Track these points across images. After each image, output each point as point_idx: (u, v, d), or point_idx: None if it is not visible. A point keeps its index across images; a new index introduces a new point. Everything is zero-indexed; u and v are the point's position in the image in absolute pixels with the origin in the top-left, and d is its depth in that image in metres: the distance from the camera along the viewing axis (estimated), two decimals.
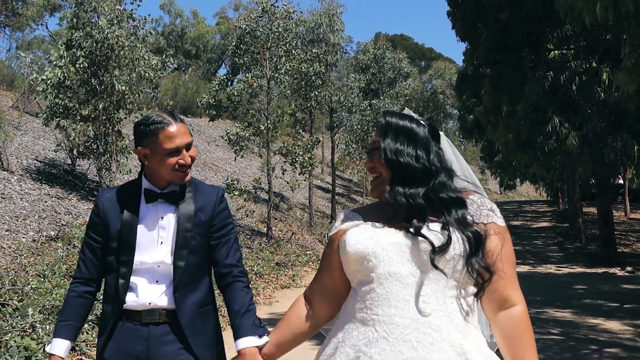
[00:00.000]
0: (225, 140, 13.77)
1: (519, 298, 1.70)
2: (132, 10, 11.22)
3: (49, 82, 10.33)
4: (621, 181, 26.13)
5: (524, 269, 13.09)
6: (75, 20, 10.74)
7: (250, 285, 2.16)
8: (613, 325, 7.31)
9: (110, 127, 10.78)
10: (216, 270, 2.15)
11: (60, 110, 10.60)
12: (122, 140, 11.13)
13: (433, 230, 1.64)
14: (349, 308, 1.76)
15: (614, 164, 11.67)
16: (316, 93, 15.36)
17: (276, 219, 15.45)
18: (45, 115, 10.94)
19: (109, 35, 10.29)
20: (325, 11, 18.37)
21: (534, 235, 21.30)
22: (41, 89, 10.47)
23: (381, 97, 22.21)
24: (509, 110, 12.80)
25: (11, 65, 20.87)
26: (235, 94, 13.84)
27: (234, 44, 14.74)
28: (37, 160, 11.93)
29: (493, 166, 29.16)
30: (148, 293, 2.04)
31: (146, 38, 11.29)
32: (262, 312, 7.15)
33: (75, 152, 10.81)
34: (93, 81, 10.53)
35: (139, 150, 2.08)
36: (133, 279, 2.05)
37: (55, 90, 10.47)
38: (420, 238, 1.63)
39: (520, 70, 12.17)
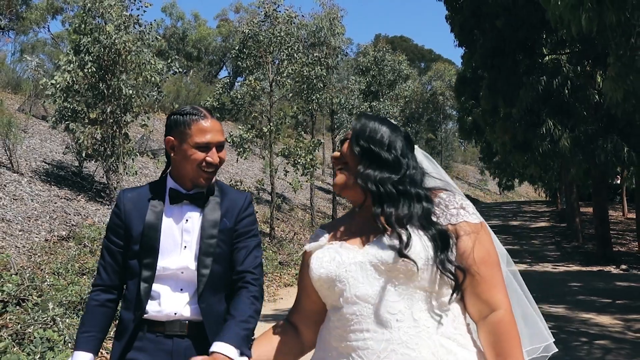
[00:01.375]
0: (229, 142, 14.03)
1: (500, 301, 1.55)
2: (138, 15, 11.54)
3: (57, 86, 10.62)
4: (619, 181, 26.33)
5: (521, 267, 13.30)
6: (83, 25, 11.01)
7: (261, 295, 1.94)
8: (604, 319, 7.58)
9: (117, 130, 11.06)
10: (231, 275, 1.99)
11: (69, 113, 10.89)
12: (128, 143, 11.41)
13: (393, 238, 1.53)
14: (324, 336, 1.66)
15: (604, 165, 11.95)
16: (317, 95, 15.63)
17: (278, 219, 15.72)
18: (54, 118, 11.24)
19: (116, 41, 10.58)
20: (326, 15, 18.62)
21: (532, 235, 21.52)
22: (50, 93, 10.75)
23: (381, 99, 22.49)
24: (505, 113, 13.11)
25: (16, 69, 21.18)
26: (238, 96, 14.09)
27: (237, 47, 15.01)
28: (45, 163, 12.21)
29: (492, 167, 29.41)
30: (173, 302, 1.90)
31: (152, 43, 11.57)
32: (266, 309, 7.44)
33: (83, 154, 11.08)
34: (101, 85, 10.81)
35: (167, 140, 1.96)
36: (156, 286, 1.91)
37: (64, 94, 10.75)
38: (382, 251, 1.52)
39: (515, 74, 12.49)
